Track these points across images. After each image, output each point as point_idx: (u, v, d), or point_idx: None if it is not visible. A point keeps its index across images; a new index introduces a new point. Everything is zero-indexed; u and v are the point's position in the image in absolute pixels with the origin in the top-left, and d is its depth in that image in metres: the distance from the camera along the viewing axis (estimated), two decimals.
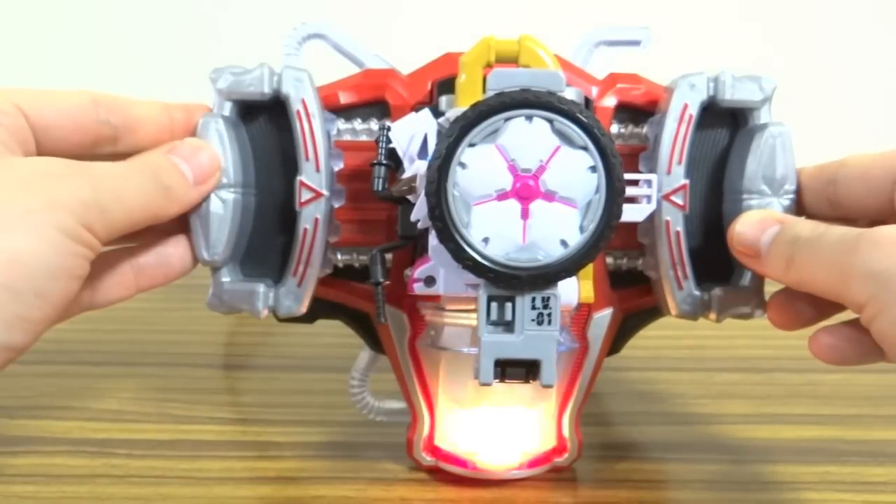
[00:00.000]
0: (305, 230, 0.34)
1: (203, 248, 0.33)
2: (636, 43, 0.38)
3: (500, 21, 0.79)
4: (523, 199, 0.29)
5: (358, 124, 0.36)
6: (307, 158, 0.33)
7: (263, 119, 0.35)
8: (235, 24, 0.83)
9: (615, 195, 0.29)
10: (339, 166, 0.35)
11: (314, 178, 0.33)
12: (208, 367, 0.49)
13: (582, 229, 0.29)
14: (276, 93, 0.34)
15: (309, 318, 0.38)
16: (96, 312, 0.34)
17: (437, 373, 0.36)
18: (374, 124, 0.36)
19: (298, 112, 0.33)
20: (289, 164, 0.34)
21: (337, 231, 0.35)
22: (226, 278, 0.34)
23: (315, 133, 0.33)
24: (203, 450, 0.39)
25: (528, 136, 0.29)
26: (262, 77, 0.33)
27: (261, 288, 0.34)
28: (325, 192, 0.34)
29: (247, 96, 0.34)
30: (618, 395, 0.45)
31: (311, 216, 0.34)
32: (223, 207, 0.33)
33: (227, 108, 0.34)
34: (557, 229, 0.29)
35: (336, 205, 0.35)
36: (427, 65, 0.36)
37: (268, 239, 0.35)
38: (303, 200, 0.34)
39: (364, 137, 0.36)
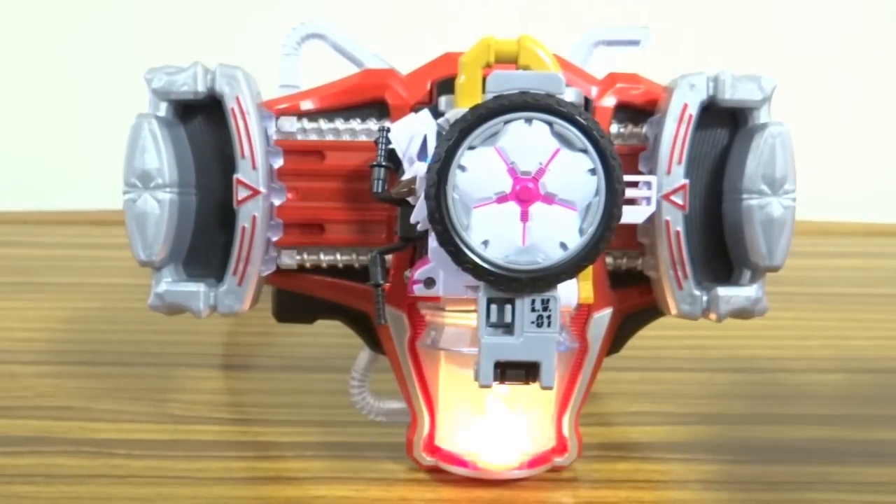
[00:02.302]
0: (244, 228, 0.34)
1: (140, 249, 0.33)
2: (635, 43, 0.38)
3: (499, 21, 0.78)
4: (523, 201, 0.29)
5: (357, 124, 0.36)
6: (243, 156, 0.33)
7: (201, 118, 0.35)
8: (235, 24, 0.83)
9: (615, 197, 0.29)
10: (278, 164, 0.35)
11: (251, 176, 0.34)
12: (208, 367, 0.49)
13: (581, 232, 0.29)
14: (210, 91, 0.34)
15: (309, 318, 0.39)
16: (96, 312, 0.34)
17: (437, 373, 0.36)
18: (373, 124, 0.36)
19: (233, 110, 0.33)
20: (228, 162, 0.34)
21: (279, 229, 0.35)
22: (167, 279, 0.34)
23: (250, 130, 0.33)
24: (203, 450, 0.39)
25: (527, 139, 0.29)
26: (196, 76, 0.33)
27: (202, 288, 0.34)
28: (262, 189, 0.34)
29: (181, 96, 0.34)
30: (618, 395, 0.45)
31: (248, 214, 0.34)
32: (159, 207, 0.33)
33: (163, 109, 0.34)
34: (557, 232, 0.29)
35: (276, 202, 0.35)
36: (426, 65, 0.36)
37: (210, 239, 0.35)
38: (240, 198, 0.34)
39: (363, 137, 0.36)
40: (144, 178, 0.33)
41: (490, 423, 0.36)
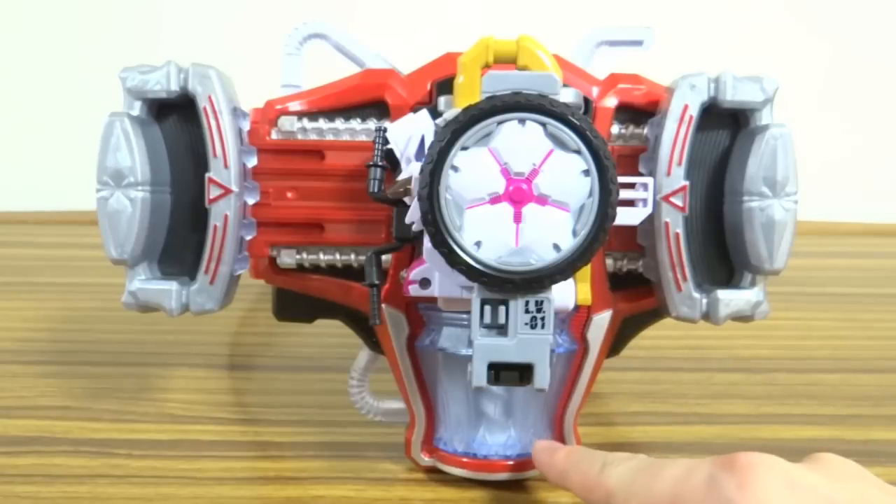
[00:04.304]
0: (215, 227, 0.34)
1: (112, 247, 0.34)
2: (638, 43, 0.38)
3: (502, 20, 0.78)
4: (516, 202, 0.29)
5: (357, 124, 0.36)
6: (215, 155, 0.34)
7: (176, 117, 0.35)
8: (236, 24, 0.83)
9: (608, 199, 0.29)
10: (251, 163, 0.35)
11: (223, 175, 0.34)
12: (208, 367, 0.49)
13: (575, 233, 0.29)
14: (183, 90, 0.34)
15: (309, 317, 0.39)
16: (97, 312, 0.34)
17: (436, 373, 0.36)
18: (373, 124, 0.36)
19: (205, 109, 0.34)
20: (201, 161, 0.34)
21: (252, 228, 0.35)
22: (140, 277, 0.34)
23: (223, 130, 0.34)
24: (203, 450, 0.39)
25: (520, 140, 0.29)
26: (168, 75, 0.34)
27: (174, 286, 0.34)
28: (234, 188, 0.34)
29: (154, 94, 0.34)
30: (618, 395, 0.45)
31: (220, 213, 0.34)
32: (131, 206, 0.33)
33: (137, 108, 0.34)
34: (550, 233, 0.29)
35: (249, 201, 0.35)
36: (427, 65, 0.36)
37: (184, 237, 0.35)
38: (212, 197, 0.34)
39: (363, 137, 0.36)
40: (117, 176, 0.33)
41: (488, 424, 0.36)
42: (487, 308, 0.30)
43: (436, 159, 0.29)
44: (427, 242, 0.30)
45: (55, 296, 0.60)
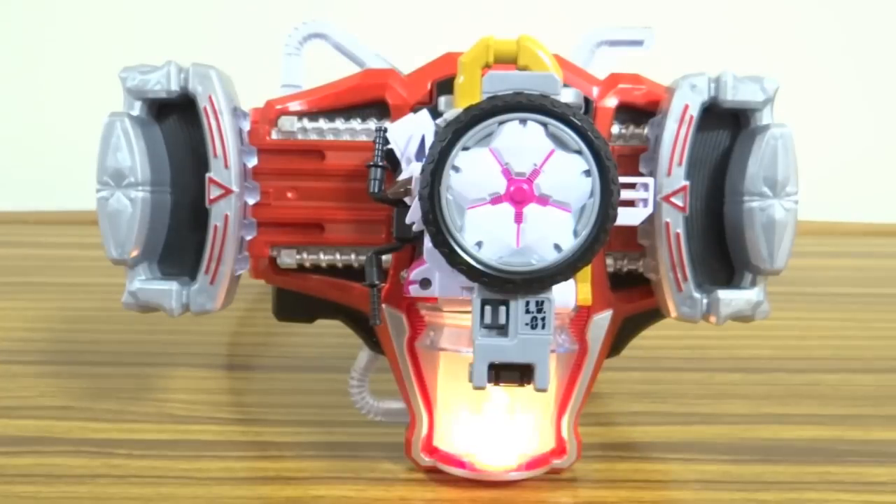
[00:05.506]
0: (216, 227, 0.34)
1: (112, 248, 0.34)
2: (639, 43, 0.38)
3: (502, 20, 0.78)
4: (517, 202, 0.29)
5: (357, 124, 0.36)
6: (216, 155, 0.34)
7: (177, 117, 0.35)
8: (236, 24, 0.83)
9: (609, 199, 0.29)
10: (252, 163, 0.35)
11: (223, 175, 0.34)
12: (208, 367, 0.49)
13: (576, 233, 0.29)
14: (184, 90, 0.34)
15: (309, 317, 0.39)
16: (97, 312, 0.34)
17: (436, 373, 0.36)
18: (373, 124, 0.36)
19: (205, 109, 0.34)
20: (202, 161, 0.34)
21: (252, 228, 0.35)
22: (140, 277, 0.34)
23: (223, 130, 0.34)
24: (203, 450, 0.39)
25: (522, 140, 0.29)
26: (169, 75, 0.34)
27: (174, 286, 0.34)
28: (234, 188, 0.34)
29: (154, 94, 0.34)
30: (618, 395, 0.45)
31: (220, 213, 0.34)
32: (131, 206, 0.33)
33: (137, 107, 0.34)
34: (551, 233, 0.29)
35: (250, 201, 0.35)
36: (427, 64, 0.36)
37: (184, 237, 0.35)
38: (212, 197, 0.34)
39: (363, 137, 0.36)
40: (117, 176, 0.33)
41: (488, 424, 0.36)
42: (488, 308, 0.30)
43: (437, 159, 0.29)
44: (428, 242, 0.30)
45: (55, 296, 0.60)
